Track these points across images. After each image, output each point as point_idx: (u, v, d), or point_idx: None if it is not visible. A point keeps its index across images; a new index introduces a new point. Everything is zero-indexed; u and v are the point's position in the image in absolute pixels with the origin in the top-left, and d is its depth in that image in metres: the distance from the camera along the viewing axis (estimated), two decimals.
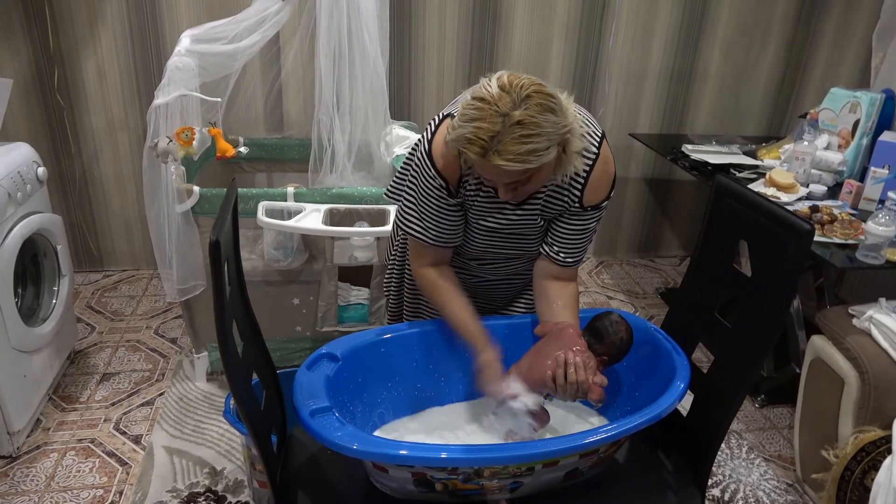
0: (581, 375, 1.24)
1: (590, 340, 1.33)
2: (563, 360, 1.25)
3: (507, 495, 1.29)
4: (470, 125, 1.14)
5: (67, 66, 2.77)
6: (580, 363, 1.25)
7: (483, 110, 1.13)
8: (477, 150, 1.14)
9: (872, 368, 1.79)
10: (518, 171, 1.15)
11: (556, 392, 1.27)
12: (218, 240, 1.04)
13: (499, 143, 1.12)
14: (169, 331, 2.73)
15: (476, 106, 1.14)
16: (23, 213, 2.05)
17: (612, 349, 1.33)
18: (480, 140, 1.13)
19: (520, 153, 1.12)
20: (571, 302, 1.41)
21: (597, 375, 1.26)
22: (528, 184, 1.22)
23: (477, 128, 1.13)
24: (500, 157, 1.13)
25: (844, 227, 2.05)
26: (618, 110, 3.27)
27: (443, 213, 1.36)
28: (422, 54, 3.01)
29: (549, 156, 1.16)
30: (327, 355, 1.34)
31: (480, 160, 1.15)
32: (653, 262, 3.62)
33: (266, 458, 1.24)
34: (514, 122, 1.11)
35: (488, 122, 1.12)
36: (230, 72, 2.27)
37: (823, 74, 3.35)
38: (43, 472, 1.98)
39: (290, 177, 2.72)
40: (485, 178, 1.24)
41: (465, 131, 1.14)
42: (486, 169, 1.19)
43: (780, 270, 1.23)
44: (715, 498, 2.01)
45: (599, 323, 1.36)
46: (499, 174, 1.18)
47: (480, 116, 1.13)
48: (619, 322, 1.35)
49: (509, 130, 1.11)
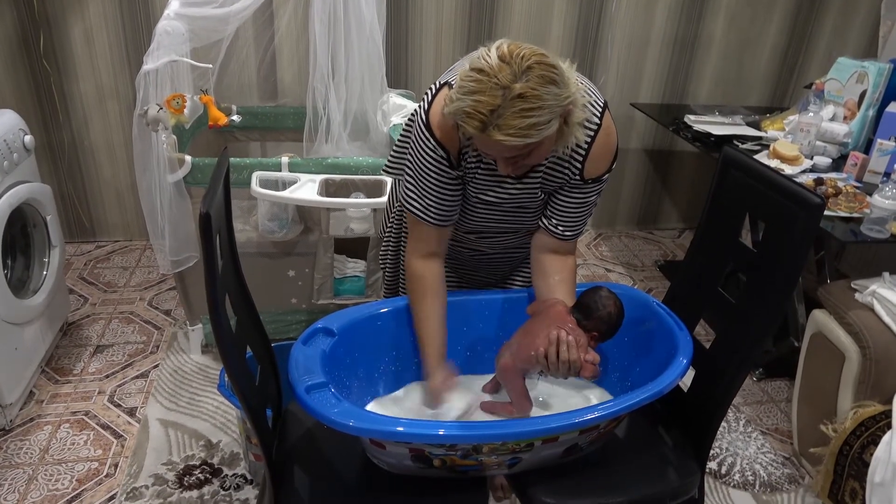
0: (573, 354, 1.21)
1: (578, 317, 1.30)
2: (555, 338, 1.22)
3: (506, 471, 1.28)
4: (469, 98, 1.08)
5: (53, 30, 2.69)
6: (572, 341, 1.22)
7: (482, 83, 1.07)
8: (476, 124, 1.09)
9: (874, 343, 1.78)
10: (519, 145, 1.10)
11: (549, 370, 1.24)
12: (208, 212, 1.01)
13: (499, 117, 1.07)
14: (163, 302, 2.70)
15: (475, 78, 1.09)
16: (10, 182, 2.00)
17: (601, 325, 1.29)
18: (480, 114, 1.08)
19: (521, 128, 1.07)
20: (569, 276, 1.38)
21: (589, 353, 1.24)
22: (528, 157, 1.17)
23: (476, 101, 1.08)
24: (500, 132, 1.08)
25: (849, 201, 2.02)
26: (619, 79, 3.20)
27: (443, 187, 1.32)
28: (419, 20, 2.93)
29: (550, 129, 1.12)
30: (323, 330, 1.31)
31: (479, 135, 1.10)
32: (652, 235, 3.60)
33: (261, 433, 1.22)
34: (514, 96, 1.06)
35: (488, 95, 1.07)
36: (222, 36, 2.20)
37: (829, 44, 3.29)
38: (37, 445, 1.96)
39: (285, 146, 2.67)
40: (484, 152, 1.20)
41: (464, 105, 1.09)
42: (485, 144, 1.14)
43: (788, 245, 1.20)
44: (712, 471, 2.01)
45: (588, 298, 1.32)
46: (499, 149, 1.13)
47: (479, 89, 1.07)
48: (608, 297, 1.31)
49: (510, 104, 1.06)
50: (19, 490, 1.81)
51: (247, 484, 1.87)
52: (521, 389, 1.31)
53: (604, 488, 1.30)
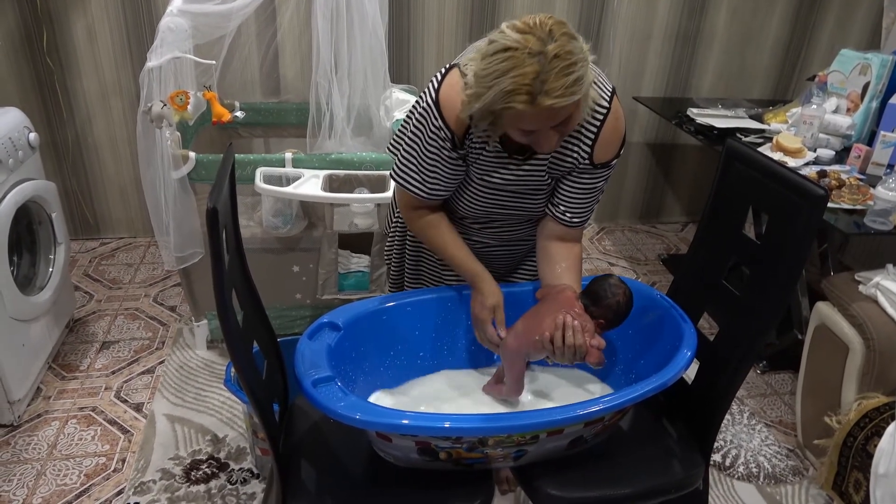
0: (579, 338, 1.21)
1: (587, 303, 1.30)
2: (562, 322, 1.22)
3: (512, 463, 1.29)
4: (506, 78, 1.07)
5: (56, 27, 2.69)
6: (578, 326, 1.22)
7: (515, 58, 1.07)
8: (524, 98, 1.08)
9: (878, 335, 1.78)
10: (568, 106, 1.10)
11: (554, 354, 1.25)
12: (215, 207, 1.01)
13: (543, 82, 1.06)
14: (168, 299, 2.71)
15: (504, 57, 1.08)
16: (15, 179, 2.01)
17: (609, 312, 1.30)
18: (525, 86, 1.07)
19: (567, 86, 1.07)
20: (575, 264, 1.39)
21: (595, 338, 1.24)
22: (569, 123, 1.17)
23: (517, 76, 1.07)
24: (549, 97, 1.07)
25: (852, 193, 2.02)
26: (622, 72, 3.20)
27: (443, 165, 1.32)
28: (421, 15, 2.93)
29: (587, 84, 1.12)
30: (329, 324, 1.32)
31: (529, 108, 1.09)
32: (655, 229, 3.60)
33: (268, 427, 1.23)
34: (551, 58, 1.06)
35: (526, 66, 1.06)
36: (224, 33, 2.20)
37: (832, 35, 3.28)
38: (45, 441, 1.98)
39: (288, 142, 2.67)
40: (523, 132, 1.16)
41: (504, 85, 1.08)
42: (531, 118, 1.11)
43: (792, 237, 1.20)
44: (716, 463, 2.02)
45: (597, 286, 1.32)
46: (546, 117, 1.11)
47: (514, 64, 1.07)
48: (618, 285, 1.31)
49: (550, 67, 1.06)
50: (28, 485, 1.83)
51: (253, 478, 1.88)
52: (519, 374, 1.32)
53: (608, 480, 1.31)
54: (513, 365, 1.32)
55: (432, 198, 1.36)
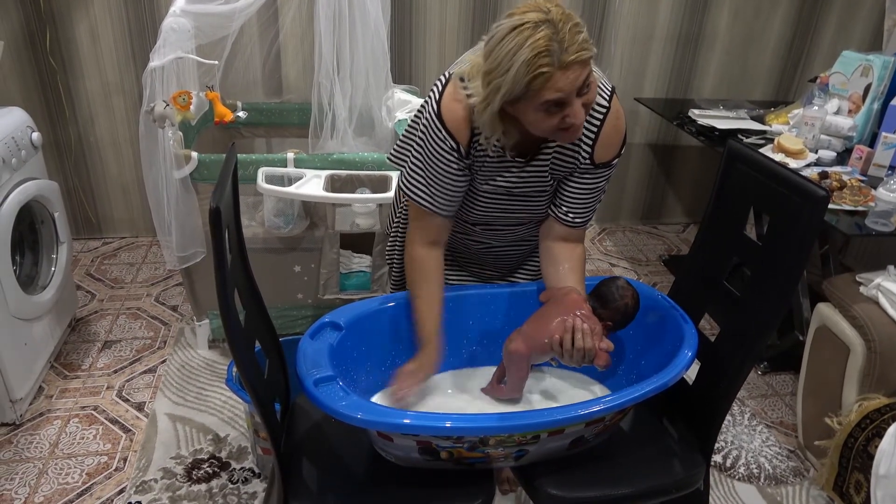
0: (588, 342, 1.22)
1: (595, 305, 1.31)
2: (570, 325, 1.23)
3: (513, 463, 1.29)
4: (523, 49, 1.09)
5: (59, 27, 2.70)
6: (587, 329, 1.23)
7: (524, 31, 1.09)
8: (547, 60, 1.09)
9: (879, 336, 1.78)
10: (588, 60, 1.12)
11: (563, 357, 1.25)
12: (218, 207, 1.02)
13: (560, 42, 1.09)
14: (170, 298, 2.71)
15: (512, 35, 1.10)
16: (18, 179, 2.02)
17: (617, 315, 1.31)
18: (546, 49, 1.08)
19: (582, 41, 1.10)
20: (578, 265, 1.39)
21: (603, 341, 1.25)
22: (589, 91, 1.17)
23: (532, 44, 1.08)
24: (569, 54, 1.09)
25: (854, 194, 2.02)
26: (623, 74, 3.20)
27: (452, 177, 1.32)
28: (423, 15, 2.93)
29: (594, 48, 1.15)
30: (330, 324, 1.32)
31: (554, 70, 1.10)
32: (656, 230, 3.60)
33: (270, 426, 1.23)
34: (558, 20, 1.09)
35: (540, 33, 1.09)
36: (227, 33, 2.20)
37: (834, 37, 3.28)
38: (47, 439, 1.98)
39: (290, 142, 2.68)
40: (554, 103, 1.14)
41: (523, 56, 1.09)
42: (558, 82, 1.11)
43: (793, 238, 1.21)
44: (717, 464, 2.02)
45: (605, 288, 1.34)
46: (572, 79, 1.12)
47: (527, 36, 1.09)
48: (626, 288, 1.33)
49: (561, 28, 1.09)
50: (30, 484, 1.83)
51: (255, 477, 1.88)
52: (522, 378, 1.33)
53: (609, 480, 1.31)
54: (518, 368, 1.33)
55: (441, 211, 1.36)
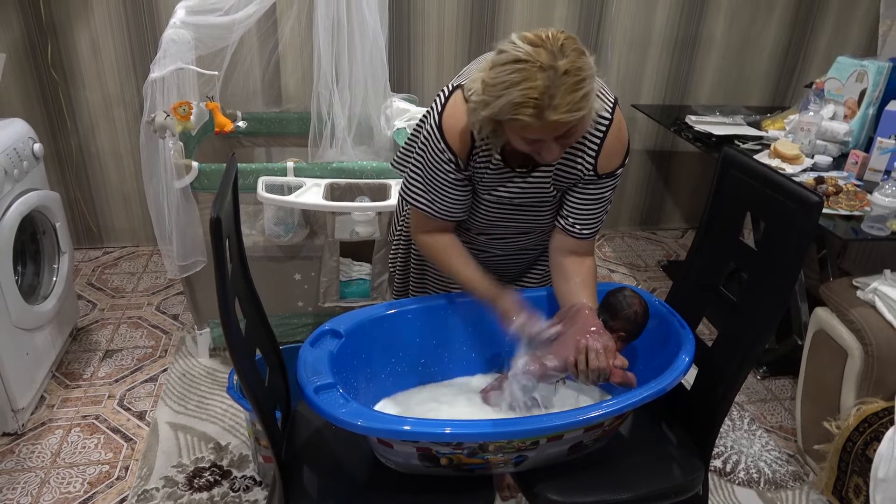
0: (602, 361, 1.23)
1: (605, 318, 1.32)
2: (584, 346, 1.24)
3: (512, 469, 1.30)
4: (516, 90, 1.08)
5: (61, 39, 2.72)
6: (600, 348, 1.23)
7: (525, 70, 1.08)
8: (531, 111, 1.09)
9: (876, 340, 1.79)
10: (574, 120, 1.11)
11: (578, 377, 1.27)
12: (219, 216, 1.03)
13: (552, 97, 1.08)
14: (170, 307, 2.72)
15: (514, 69, 1.09)
16: (20, 190, 2.03)
17: (628, 324, 1.32)
18: (533, 100, 1.08)
19: (575, 102, 1.09)
20: (589, 278, 1.39)
21: (617, 358, 1.26)
22: (574, 135, 1.18)
23: (526, 89, 1.08)
24: (556, 112, 1.08)
25: (850, 199, 2.04)
26: (621, 80, 3.22)
27: (451, 187, 1.34)
28: (421, 25, 2.96)
29: (594, 99, 1.14)
30: (330, 331, 1.33)
31: (535, 121, 1.10)
32: (654, 235, 3.61)
33: (270, 433, 1.24)
34: (562, 73, 1.07)
35: (537, 79, 1.07)
36: (226, 44, 2.22)
37: (830, 43, 3.30)
38: (48, 449, 1.99)
39: (290, 151, 2.70)
40: (528, 142, 1.17)
41: (512, 97, 1.09)
42: (536, 129, 1.12)
43: (787, 243, 1.22)
44: (717, 469, 2.02)
45: (613, 298, 1.34)
46: (551, 130, 1.13)
47: (525, 77, 1.08)
48: (633, 296, 1.34)
49: (560, 82, 1.07)
50: (32, 493, 1.84)
51: (256, 485, 1.89)
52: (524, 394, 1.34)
53: (608, 485, 1.32)
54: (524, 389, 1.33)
55: (444, 217, 1.38)
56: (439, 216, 1.37)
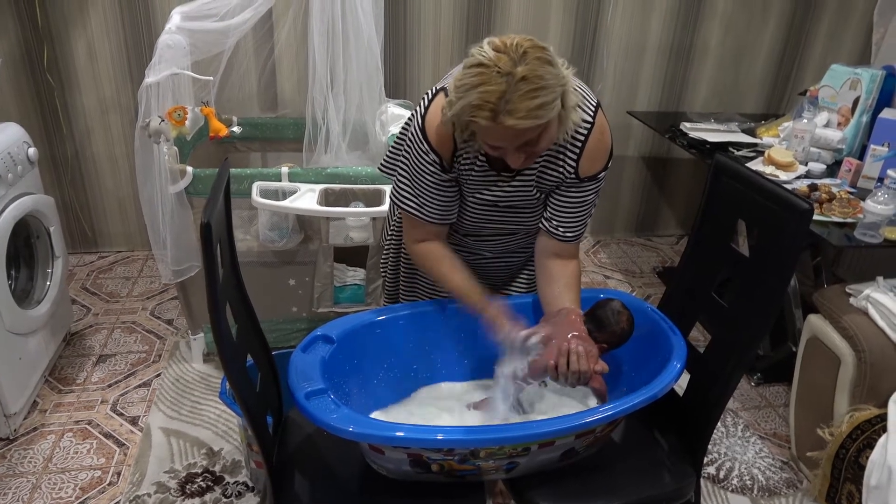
0: (583, 365, 1.24)
1: (590, 328, 1.32)
2: (566, 348, 1.25)
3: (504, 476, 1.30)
4: (474, 92, 1.11)
5: (57, 44, 2.73)
6: (582, 352, 1.24)
7: (484, 74, 1.10)
8: (486, 114, 1.11)
9: (869, 347, 1.79)
10: (531, 127, 1.12)
11: (558, 379, 1.27)
12: (209, 222, 1.03)
13: (507, 102, 1.09)
14: (165, 312, 2.72)
15: (476, 72, 1.12)
16: (14, 194, 2.03)
17: (612, 338, 1.33)
18: (489, 104, 1.10)
19: (531, 109, 1.10)
20: (573, 282, 1.40)
21: (598, 363, 1.26)
22: (537, 144, 1.19)
23: (483, 92, 1.10)
24: (511, 117, 1.10)
25: (843, 206, 2.04)
26: (616, 87, 3.23)
27: (437, 188, 1.35)
28: (417, 31, 2.96)
29: (555, 109, 1.15)
30: (322, 337, 1.33)
31: (491, 125, 1.12)
32: (650, 242, 3.62)
33: (261, 439, 1.24)
34: (518, 79, 1.09)
35: (493, 84, 1.10)
36: (222, 49, 2.23)
37: (824, 51, 3.32)
38: (40, 454, 1.98)
39: (286, 156, 2.70)
40: (492, 146, 1.20)
41: (471, 99, 1.11)
42: (496, 134, 1.14)
43: (779, 250, 1.22)
44: (710, 476, 2.02)
45: (601, 311, 1.35)
46: (511, 136, 1.14)
47: (483, 81, 1.10)
48: (621, 312, 1.34)
49: (516, 88, 1.09)
50: (23, 499, 1.83)
51: (248, 491, 1.88)
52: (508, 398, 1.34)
53: (600, 492, 1.32)
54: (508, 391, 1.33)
55: (433, 220, 1.38)
56: (428, 219, 1.38)
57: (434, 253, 1.42)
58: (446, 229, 1.44)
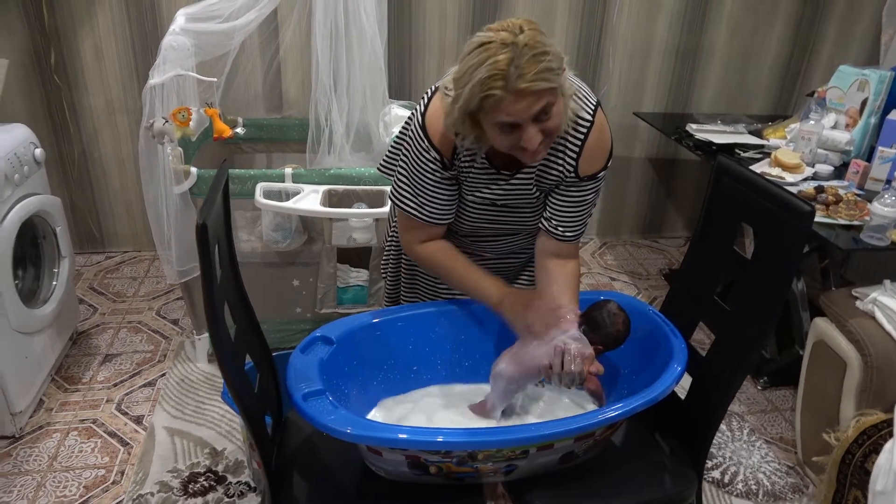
0: (578, 366, 1.23)
1: (585, 330, 1.31)
2: (561, 350, 1.24)
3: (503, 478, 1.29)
4: (482, 67, 1.12)
5: (64, 45, 2.75)
6: (576, 353, 1.24)
7: (488, 49, 1.12)
8: (500, 83, 1.12)
9: (875, 351, 1.78)
10: (544, 90, 1.13)
11: (552, 380, 1.26)
12: (205, 222, 1.03)
13: (517, 67, 1.11)
14: (170, 312, 2.73)
15: (479, 52, 1.13)
16: (21, 194, 2.05)
17: (607, 340, 1.32)
18: (501, 71, 1.11)
19: (539, 71, 1.12)
20: (571, 281, 1.39)
21: (593, 364, 1.25)
22: (550, 118, 1.18)
23: (492, 63, 1.11)
24: (523, 80, 1.11)
25: (849, 208, 2.02)
26: (622, 88, 3.22)
27: (437, 187, 1.35)
28: (421, 32, 2.96)
29: (560, 78, 1.16)
30: (321, 338, 1.33)
31: (505, 95, 1.12)
32: (657, 243, 3.60)
33: (259, 440, 1.24)
34: (522, 45, 1.12)
35: (500, 54, 1.11)
36: (227, 50, 2.24)
37: (832, 52, 3.29)
38: (45, 452, 1.99)
39: (291, 157, 2.70)
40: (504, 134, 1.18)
41: (480, 74, 1.12)
42: (510, 106, 1.14)
43: (780, 252, 1.21)
44: (715, 480, 2.01)
45: (597, 313, 1.33)
46: (525, 105, 1.14)
47: (489, 55, 1.12)
48: (617, 314, 1.32)
49: (522, 53, 1.11)
50: (28, 496, 1.84)
51: (250, 491, 1.88)
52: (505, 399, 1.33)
53: (600, 495, 1.31)
54: (505, 390, 1.33)
55: (432, 220, 1.38)
56: (427, 219, 1.38)
57: (443, 251, 1.42)
58: (444, 230, 1.44)
